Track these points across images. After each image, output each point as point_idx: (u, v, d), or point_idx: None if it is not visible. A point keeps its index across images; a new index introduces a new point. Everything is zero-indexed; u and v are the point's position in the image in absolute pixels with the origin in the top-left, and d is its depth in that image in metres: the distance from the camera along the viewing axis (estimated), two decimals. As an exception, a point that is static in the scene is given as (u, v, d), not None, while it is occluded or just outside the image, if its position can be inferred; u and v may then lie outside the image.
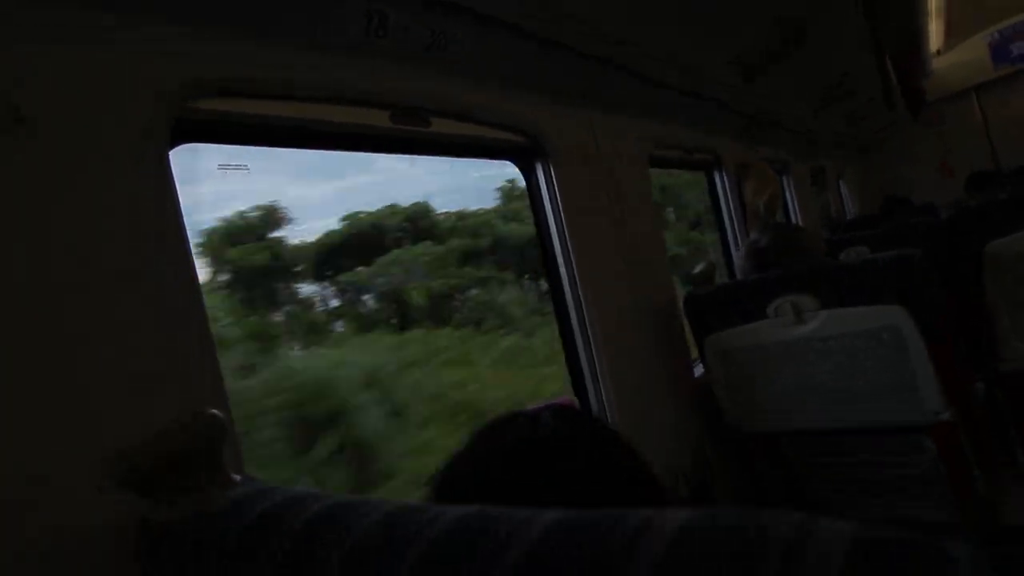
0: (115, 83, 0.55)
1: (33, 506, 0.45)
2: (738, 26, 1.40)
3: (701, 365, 1.43)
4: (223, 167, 0.71)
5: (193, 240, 0.59)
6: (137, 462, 0.38)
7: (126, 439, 0.40)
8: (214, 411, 0.42)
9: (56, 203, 0.49)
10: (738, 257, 1.77)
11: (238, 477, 0.42)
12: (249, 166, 0.73)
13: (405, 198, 1.68)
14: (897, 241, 1.68)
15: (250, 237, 1.34)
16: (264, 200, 1.37)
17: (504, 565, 0.22)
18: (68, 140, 0.51)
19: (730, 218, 2.09)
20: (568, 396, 1.21)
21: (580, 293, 1.23)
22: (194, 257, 0.59)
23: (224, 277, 1.30)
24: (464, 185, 1.94)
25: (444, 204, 1.84)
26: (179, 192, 0.59)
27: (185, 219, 0.59)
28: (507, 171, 1.23)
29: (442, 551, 0.25)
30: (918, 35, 3.37)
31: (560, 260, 1.23)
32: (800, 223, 3.08)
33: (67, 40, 0.52)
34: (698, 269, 1.35)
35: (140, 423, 0.50)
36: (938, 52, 4.46)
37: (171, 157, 0.60)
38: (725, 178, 2.12)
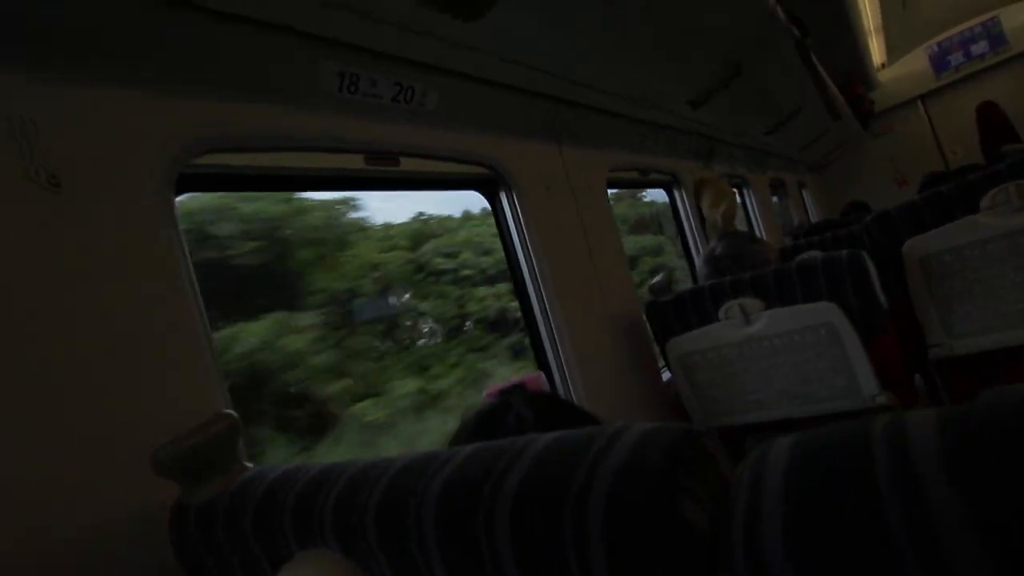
0: (130, 147, 0.65)
1: (74, 504, 0.54)
2: (684, 65, 1.55)
3: (668, 371, 1.54)
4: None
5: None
6: (171, 456, 0.48)
7: (150, 440, 0.50)
8: (231, 412, 0.52)
9: (89, 246, 0.59)
10: (699, 263, 1.90)
11: (249, 464, 0.52)
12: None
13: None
14: (848, 245, 1.83)
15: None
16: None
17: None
18: (95, 196, 0.61)
19: (691, 230, 2.23)
20: (537, 373, 1.31)
21: (549, 312, 1.33)
22: (196, 283, 0.69)
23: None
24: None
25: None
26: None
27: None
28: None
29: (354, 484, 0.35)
30: (859, 51, 3.61)
31: (528, 281, 1.34)
32: (762, 232, 3.25)
33: (91, 113, 0.63)
34: (656, 280, 1.47)
35: (161, 424, 0.59)
36: (882, 65, 4.74)
37: (176, 205, 0.70)
38: (684, 194, 2.27)
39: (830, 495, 0.19)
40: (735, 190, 2.93)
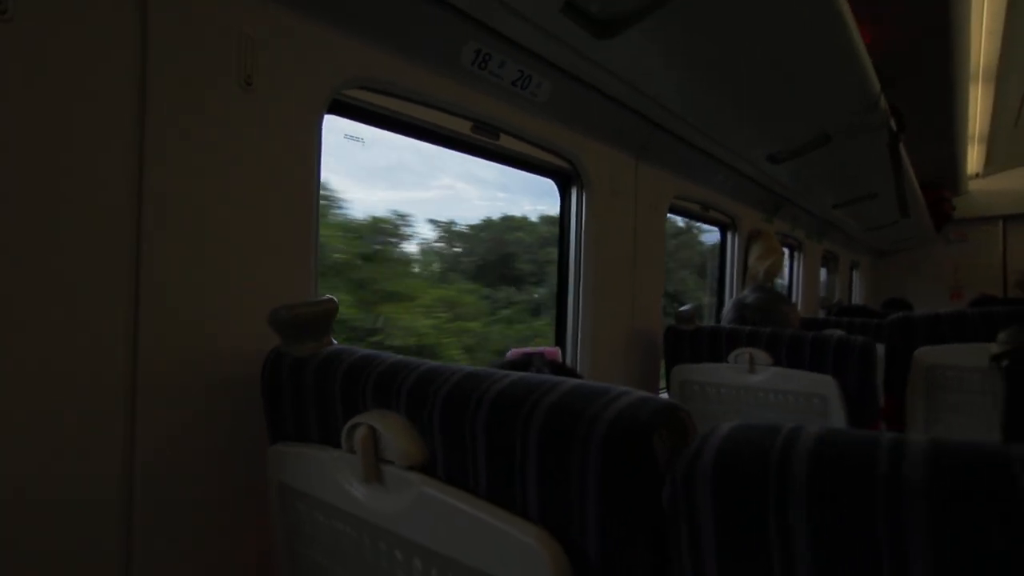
0: (305, 66, 0.80)
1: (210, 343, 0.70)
2: (773, 122, 1.63)
3: (667, 393, 1.66)
4: (348, 137, 0.96)
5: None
6: (287, 316, 0.63)
7: (267, 308, 0.65)
8: (332, 296, 0.67)
9: (264, 138, 0.75)
10: (728, 307, 2.00)
11: (335, 341, 0.67)
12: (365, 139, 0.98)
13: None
14: (869, 334, 1.91)
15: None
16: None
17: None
18: (272, 99, 0.76)
19: (731, 273, 2.32)
20: (555, 348, 1.46)
21: (581, 304, 1.47)
22: (319, 189, 0.84)
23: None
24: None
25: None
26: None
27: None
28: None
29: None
30: (956, 155, 3.56)
31: (571, 272, 1.47)
32: (799, 298, 3.30)
33: (283, 32, 0.77)
34: (684, 308, 1.58)
35: (275, 299, 0.75)
36: (976, 175, 4.65)
37: (323, 120, 0.85)
38: (736, 238, 2.35)
39: (744, 451, 0.32)
40: (786, 250, 2.98)
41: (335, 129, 0.92)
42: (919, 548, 0.27)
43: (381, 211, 1.60)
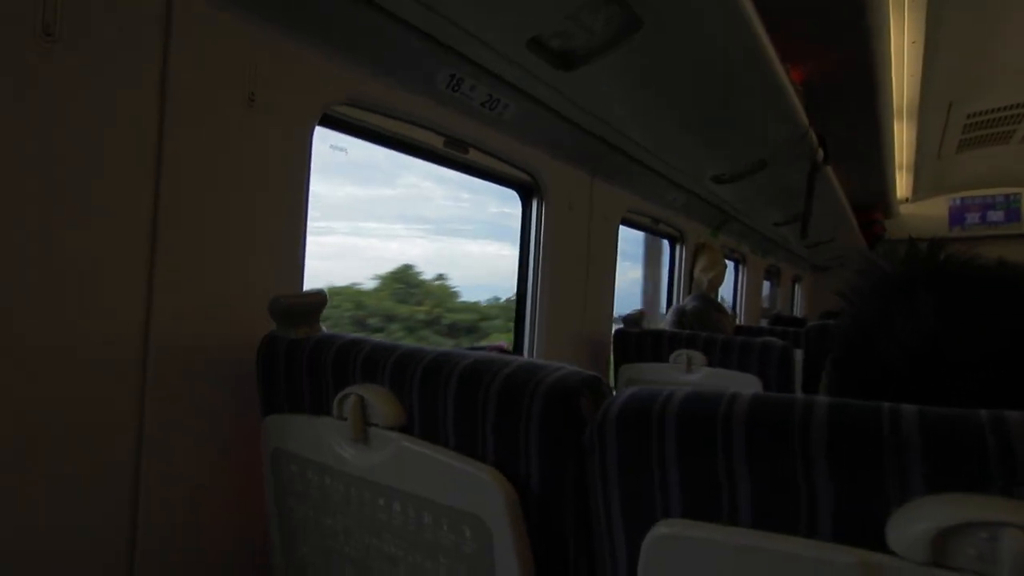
0: (305, 83, 0.90)
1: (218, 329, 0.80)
2: (716, 148, 1.81)
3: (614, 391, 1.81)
4: (333, 147, 1.07)
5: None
6: (286, 304, 0.73)
7: (261, 299, 0.76)
8: (323, 290, 0.77)
9: (267, 148, 0.85)
10: (669, 313, 2.18)
11: (324, 327, 0.78)
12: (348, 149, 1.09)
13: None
14: (795, 341, 2.12)
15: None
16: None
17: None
18: (271, 114, 0.86)
19: (677, 281, 2.51)
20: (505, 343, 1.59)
21: (537, 307, 1.60)
22: (308, 194, 0.94)
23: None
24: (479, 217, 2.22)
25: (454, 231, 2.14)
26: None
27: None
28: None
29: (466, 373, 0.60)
30: (886, 181, 3.89)
31: (530, 277, 1.60)
32: (741, 308, 3.54)
33: (280, 59, 0.88)
34: (631, 313, 1.74)
35: (267, 292, 0.85)
36: (906, 199, 5.05)
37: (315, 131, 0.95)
38: (684, 250, 2.54)
39: (637, 407, 0.46)
40: (729, 263, 3.21)
41: (321, 138, 1.03)
42: (745, 471, 0.41)
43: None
